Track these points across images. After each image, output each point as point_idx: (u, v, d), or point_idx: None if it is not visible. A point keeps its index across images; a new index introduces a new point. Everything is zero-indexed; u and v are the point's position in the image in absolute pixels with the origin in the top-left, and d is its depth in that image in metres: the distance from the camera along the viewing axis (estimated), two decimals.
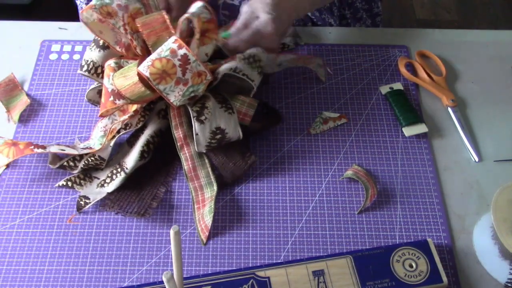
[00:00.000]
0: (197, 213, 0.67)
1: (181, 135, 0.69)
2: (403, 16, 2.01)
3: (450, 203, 0.70)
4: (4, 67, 0.81)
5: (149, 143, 0.69)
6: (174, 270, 0.51)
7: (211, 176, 0.69)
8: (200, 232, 0.66)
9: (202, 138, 0.67)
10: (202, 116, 0.66)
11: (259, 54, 0.70)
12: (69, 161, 0.69)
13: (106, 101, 0.65)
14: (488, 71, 0.83)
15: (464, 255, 0.65)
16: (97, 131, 0.71)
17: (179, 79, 0.63)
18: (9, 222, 0.67)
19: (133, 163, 0.67)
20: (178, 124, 0.69)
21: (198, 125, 0.66)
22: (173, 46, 0.63)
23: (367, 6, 0.96)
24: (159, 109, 0.71)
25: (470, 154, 0.74)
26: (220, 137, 0.67)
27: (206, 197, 0.68)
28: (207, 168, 0.69)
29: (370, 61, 0.83)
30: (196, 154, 0.69)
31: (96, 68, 0.69)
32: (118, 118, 0.70)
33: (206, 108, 0.66)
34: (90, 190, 0.68)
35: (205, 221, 0.66)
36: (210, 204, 0.67)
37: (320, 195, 0.70)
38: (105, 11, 0.65)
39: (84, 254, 0.65)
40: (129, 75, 0.63)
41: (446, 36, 0.88)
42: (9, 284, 0.62)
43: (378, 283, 0.60)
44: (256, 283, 0.60)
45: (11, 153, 0.67)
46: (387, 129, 0.76)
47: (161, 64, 0.62)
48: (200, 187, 0.69)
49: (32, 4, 1.60)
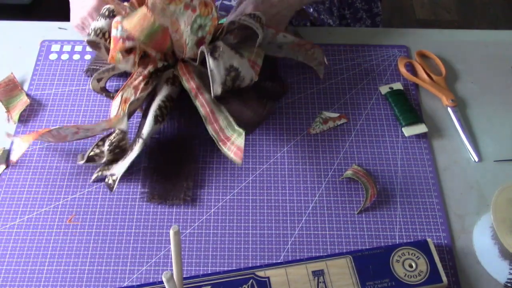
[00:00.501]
0: (223, 146, 0.67)
1: (194, 86, 0.70)
2: (403, 16, 2.01)
3: (450, 203, 0.70)
4: (4, 67, 0.81)
5: (161, 107, 0.70)
6: (174, 270, 0.51)
7: (230, 119, 0.68)
8: (234, 156, 0.65)
9: (217, 75, 0.67)
10: (215, 53, 0.67)
11: (261, 15, 0.71)
12: (94, 148, 0.70)
13: (115, 45, 0.66)
14: (488, 71, 0.83)
15: (464, 255, 0.65)
16: (114, 109, 0.71)
17: (187, 4, 0.65)
18: (9, 222, 0.67)
19: (148, 128, 0.68)
20: (189, 78, 0.70)
21: (212, 60, 0.66)
22: None
23: (367, 6, 0.96)
24: (167, 77, 0.72)
25: (470, 154, 0.74)
26: (234, 75, 0.68)
27: (229, 135, 0.67)
28: (224, 112, 0.69)
29: (370, 61, 0.83)
30: (211, 101, 0.69)
31: (103, 33, 0.70)
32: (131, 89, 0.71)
33: (218, 47, 0.67)
34: (116, 166, 0.69)
35: (236, 144, 0.66)
36: (238, 130, 0.66)
37: (320, 195, 0.70)
38: None
39: (84, 254, 0.65)
40: (137, 12, 0.65)
41: (446, 36, 0.88)
42: (9, 284, 0.62)
43: (378, 283, 0.60)
44: (256, 283, 0.60)
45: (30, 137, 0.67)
46: (387, 129, 0.76)
47: None
48: (220, 128, 0.68)
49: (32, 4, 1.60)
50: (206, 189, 0.70)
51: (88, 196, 0.69)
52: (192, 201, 0.69)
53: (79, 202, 0.69)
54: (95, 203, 0.68)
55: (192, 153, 0.72)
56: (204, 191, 0.70)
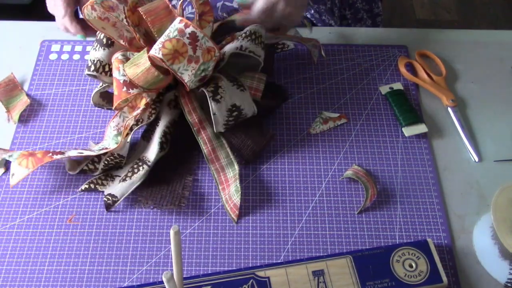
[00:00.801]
0: (222, 194, 0.69)
1: (196, 120, 0.70)
2: (403, 16, 2.01)
3: (450, 203, 0.70)
4: (4, 67, 0.81)
5: (166, 134, 0.70)
6: (174, 270, 0.51)
7: (231, 156, 0.70)
8: (230, 212, 0.67)
9: (220, 117, 0.68)
10: (217, 96, 0.67)
11: (259, 30, 0.71)
12: (89, 164, 0.69)
13: (119, 93, 0.66)
14: (488, 71, 0.83)
15: (464, 255, 0.65)
16: (110, 131, 0.71)
17: (190, 57, 0.64)
18: (9, 222, 0.67)
19: (154, 155, 0.68)
20: (191, 110, 0.70)
21: (215, 104, 0.67)
22: (179, 26, 0.63)
23: (367, 6, 0.96)
24: (169, 100, 0.71)
25: (470, 154, 0.74)
26: (236, 114, 0.69)
27: (229, 177, 0.69)
28: (226, 148, 0.70)
29: (370, 61, 0.83)
30: (213, 136, 0.70)
31: (103, 66, 0.69)
32: (128, 115, 0.71)
33: (220, 87, 0.67)
34: (114, 187, 0.68)
35: (233, 200, 0.67)
36: (236, 184, 0.68)
37: (320, 195, 0.70)
38: (106, 6, 0.66)
39: (84, 254, 0.65)
40: (140, 63, 0.64)
41: (446, 36, 0.88)
42: (9, 284, 0.62)
43: (378, 283, 0.60)
44: (256, 283, 0.60)
45: (30, 164, 0.66)
46: (387, 129, 0.76)
47: (171, 45, 0.63)
48: (222, 168, 0.70)
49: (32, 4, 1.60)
50: (206, 189, 0.70)
51: (88, 196, 0.69)
52: (192, 201, 0.69)
53: (79, 202, 0.69)
54: (95, 203, 0.68)
55: (190, 166, 0.72)
56: (204, 191, 0.70)
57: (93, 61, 0.69)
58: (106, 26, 0.68)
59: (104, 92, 0.74)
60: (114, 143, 0.69)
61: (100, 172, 0.70)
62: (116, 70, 0.65)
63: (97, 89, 0.72)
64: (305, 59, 0.83)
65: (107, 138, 0.71)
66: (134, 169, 0.69)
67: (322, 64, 0.82)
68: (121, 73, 0.65)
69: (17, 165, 0.66)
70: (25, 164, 0.66)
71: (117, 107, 0.67)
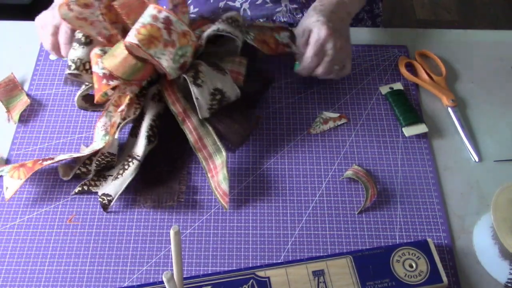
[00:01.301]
0: (212, 181, 0.69)
1: (180, 110, 0.70)
2: (403, 16, 2.01)
3: (450, 203, 0.70)
4: (4, 67, 0.81)
5: (152, 127, 0.70)
6: (174, 270, 0.51)
7: (218, 143, 0.70)
8: (220, 199, 0.68)
9: (203, 101, 0.67)
10: (198, 80, 0.67)
11: (235, 15, 0.72)
12: (81, 167, 0.69)
13: (100, 86, 0.66)
14: (488, 71, 0.83)
15: (464, 255, 0.65)
16: (98, 131, 0.71)
17: (166, 41, 0.64)
18: (9, 222, 0.67)
19: (143, 149, 0.68)
20: (174, 100, 0.70)
21: (197, 88, 0.67)
22: (153, 12, 0.64)
23: (368, 7, 0.96)
24: (152, 94, 0.71)
25: (470, 154, 0.74)
26: (219, 98, 0.68)
27: (217, 164, 0.69)
28: (212, 135, 0.70)
29: (370, 61, 0.83)
30: (199, 124, 0.70)
31: (83, 64, 0.70)
32: (114, 114, 0.71)
33: (200, 72, 0.67)
34: (107, 187, 0.68)
35: (222, 188, 0.68)
36: (223, 171, 0.68)
37: (320, 195, 0.70)
38: (81, 3, 0.66)
39: (84, 254, 0.65)
40: (116, 53, 0.65)
41: (446, 36, 0.88)
42: (9, 284, 0.62)
43: (378, 283, 0.60)
44: (256, 283, 0.60)
45: (22, 174, 0.66)
46: (387, 129, 0.76)
47: (146, 30, 0.63)
48: (209, 155, 0.70)
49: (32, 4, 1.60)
50: (206, 189, 0.70)
51: (88, 196, 0.69)
52: (192, 201, 0.69)
53: (79, 202, 0.69)
54: (95, 203, 0.68)
55: (183, 160, 0.72)
56: (204, 191, 0.70)
57: (73, 60, 0.70)
58: (84, 25, 0.68)
59: (86, 96, 0.74)
60: (103, 142, 0.69)
61: (93, 174, 0.69)
62: (95, 65, 0.66)
63: (79, 93, 0.73)
64: None
65: (96, 140, 0.70)
66: (124, 166, 0.68)
67: None
68: (100, 67, 0.65)
69: (9, 178, 0.66)
70: (16, 175, 0.66)
71: (98, 100, 0.67)
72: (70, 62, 0.70)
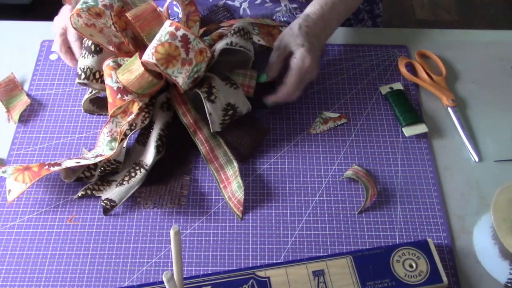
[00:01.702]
0: (224, 191, 0.69)
1: (191, 121, 0.70)
2: (403, 16, 2.01)
3: (450, 203, 0.70)
4: (4, 67, 0.81)
5: (161, 136, 0.70)
6: (174, 270, 0.51)
7: (229, 154, 0.70)
8: (234, 208, 0.68)
9: (216, 117, 0.68)
10: (212, 96, 0.67)
11: (247, 26, 0.72)
12: (85, 171, 0.69)
13: (114, 100, 0.65)
14: (488, 71, 0.83)
15: (464, 255, 0.65)
16: (104, 137, 0.70)
17: (184, 60, 0.64)
18: (9, 222, 0.67)
19: (151, 159, 0.68)
20: (185, 111, 0.70)
21: (210, 105, 0.67)
22: (170, 29, 0.63)
23: (368, 7, 0.96)
24: (161, 103, 0.71)
25: (470, 154, 0.74)
26: (232, 113, 0.69)
27: (229, 175, 0.69)
28: (223, 147, 0.70)
29: (370, 61, 0.83)
30: (210, 136, 0.71)
31: (93, 74, 0.69)
32: (121, 120, 0.71)
33: (213, 87, 0.68)
34: (111, 192, 0.68)
35: (236, 197, 0.68)
36: (237, 180, 0.68)
37: (320, 195, 0.70)
38: (93, 12, 0.65)
39: (84, 254, 0.65)
40: (133, 69, 0.64)
41: (446, 36, 0.88)
42: (9, 284, 0.62)
43: (378, 283, 0.60)
44: (256, 283, 0.60)
45: (27, 178, 0.65)
46: (387, 129, 0.76)
47: (164, 49, 0.63)
48: (221, 166, 0.70)
49: (32, 4, 1.60)
50: (206, 189, 0.70)
51: (88, 196, 0.69)
52: (192, 201, 0.69)
53: (79, 202, 0.69)
54: (95, 203, 0.68)
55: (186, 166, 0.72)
56: (204, 191, 0.70)
57: (83, 69, 0.69)
58: (94, 33, 0.68)
59: (94, 98, 0.74)
60: (108, 149, 0.69)
61: (96, 179, 0.69)
62: (109, 77, 0.65)
63: (87, 96, 0.72)
64: None
65: (101, 145, 0.70)
66: (131, 173, 0.68)
67: (322, 64, 0.82)
68: (114, 80, 0.64)
69: (13, 180, 0.65)
70: (21, 179, 0.65)
71: (112, 114, 0.67)
72: (79, 71, 0.69)
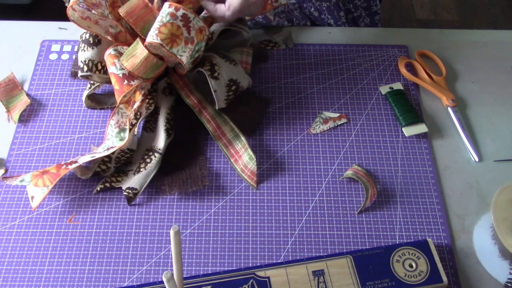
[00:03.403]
0: (236, 165, 0.71)
1: (195, 101, 0.72)
2: (403, 16, 2.01)
3: (450, 203, 0.70)
4: (4, 67, 0.81)
5: (168, 120, 0.71)
6: (174, 270, 0.51)
7: (236, 130, 0.72)
8: (248, 180, 0.69)
9: (220, 93, 0.70)
10: (215, 73, 0.69)
11: None
12: (100, 165, 0.69)
13: (121, 87, 0.66)
14: (488, 71, 0.83)
15: (464, 255, 0.65)
16: (111, 129, 0.71)
17: (186, 39, 0.65)
18: (9, 222, 0.67)
19: (163, 143, 0.70)
20: (188, 93, 0.72)
21: (214, 81, 0.68)
22: (170, 10, 0.64)
23: (365, 4, 0.96)
24: (163, 88, 0.73)
25: (470, 154, 0.74)
26: (235, 88, 0.71)
27: (238, 149, 0.71)
28: (229, 123, 0.72)
29: (370, 61, 0.83)
30: (215, 114, 0.72)
31: (95, 65, 0.70)
32: (126, 111, 0.72)
33: (215, 65, 0.69)
34: (130, 181, 0.69)
35: (249, 168, 0.69)
36: (248, 152, 0.70)
37: (320, 195, 0.70)
38: (89, 3, 0.66)
39: (84, 254, 0.65)
40: (137, 53, 0.65)
41: (446, 36, 0.88)
42: (9, 284, 0.62)
43: (378, 283, 0.60)
44: (256, 283, 0.60)
45: (47, 181, 0.65)
46: (387, 129, 0.76)
47: (167, 29, 0.64)
48: (229, 142, 0.72)
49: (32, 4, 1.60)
50: (206, 189, 0.70)
51: (88, 196, 0.69)
52: (192, 201, 0.69)
53: (79, 202, 0.69)
54: (95, 203, 0.68)
55: (198, 146, 0.73)
56: (204, 191, 0.70)
57: (84, 61, 0.70)
58: (91, 25, 0.68)
59: (91, 95, 0.75)
60: (118, 140, 0.70)
61: (113, 171, 0.70)
62: (112, 66, 0.66)
63: (86, 93, 0.73)
64: (304, 59, 0.83)
65: (110, 137, 0.71)
66: (145, 160, 0.70)
67: (322, 64, 0.82)
68: (118, 68, 0.65)
69: (33, 186, 0.65)
70: (41, 183, 0.65)
71: (120, 102, 0.68)
72: (81, 64, 0.70)
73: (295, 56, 0.83)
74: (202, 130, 0.74)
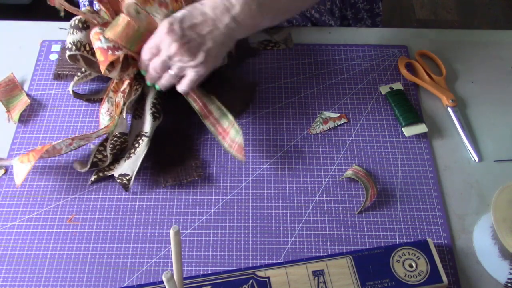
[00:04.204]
0: (223, 142, 0.71)
1: None
2: (403, 16, 2.01)
3: (450, 203, 0.70)
4: (4, 67, 0.81)
5: (155, 104, 0.72)
6: (174, 270, 0.51)
7: (223, 109, 0.72)
8: (236, 153, 0.69)
9: None
10: None
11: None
12: (96, 154, 0.70)
13: (106, 57, 0.68)
14: (488, 71, 0.83)
15: (464, 255, 0.65)
16: (103, 118, 0.73)
17: (160, 2, 0.68)
18: (9, 222, 0.67)
19: (150, 126, 0.70)
20: None
21: None
22: None
23: (368, 6, 0.96)
24: None
25: (470, 154, 0.74)
26: None
27: (225, 126, 0.71)
28: (216, 102, 0.72)
29: (370, 61, 0.83)
30: (202, 94, 0.72)
31: (84, 46, 0.71)
32: (115, 98, 0.73)
33: None
34: (121, 167, 0.69)
35: (236, 142, 0.69)
36: (234, 128, 0.70)
37: (320, 195, 0.70)
38: None
39: (84, 254, 0.65)
40: (118, 23, 0.67)
41: (446, 36, 0.88)
42: (9, 284, 0.62)
43: (378, 283, 0.60)
44: (256, 283, 0.60)
45: (31, 157, 0.66)
46: (387, 129, 0.76)
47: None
48: (216, 120, 0.72)
49: (32, 4, 1.60)
50: (206, 189, 0.70)
51: (88, 196, 0.69)
52: (192, 201, 0.69)
53: (79, 202, 0.69)
54: (95, 203, 0.68)
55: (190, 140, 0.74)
56: (204, 191, 0.70)
57: (73, 42, 0.71)
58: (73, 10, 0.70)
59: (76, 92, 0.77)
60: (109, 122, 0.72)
61: (110, 159, 0.70)
62: (97, 41, 0.68)
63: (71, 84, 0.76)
64: (304, 59, 0.83)
65: (102, 125, 0.72)
66: (134, 145, 0.70)
67: (322, 64, 0.82)
68: (103, 41, 0.68)
69: (19, 163, 0.66)
70: (26, 159, 0.66)
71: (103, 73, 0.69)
72: (69, 45, 0.71)
73: (295, 56, 0.83)
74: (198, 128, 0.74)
